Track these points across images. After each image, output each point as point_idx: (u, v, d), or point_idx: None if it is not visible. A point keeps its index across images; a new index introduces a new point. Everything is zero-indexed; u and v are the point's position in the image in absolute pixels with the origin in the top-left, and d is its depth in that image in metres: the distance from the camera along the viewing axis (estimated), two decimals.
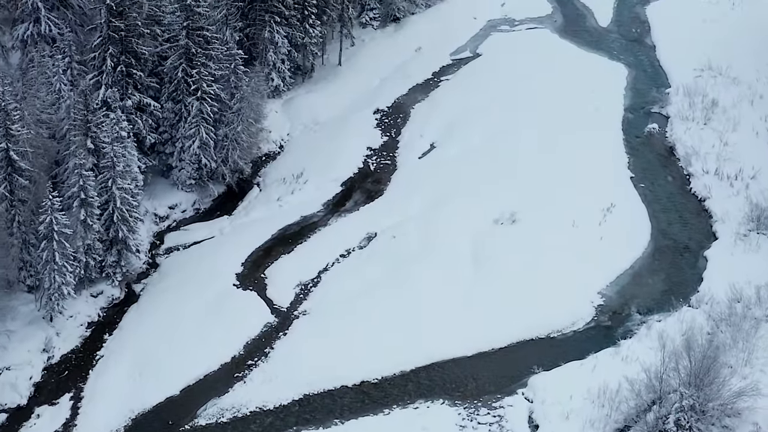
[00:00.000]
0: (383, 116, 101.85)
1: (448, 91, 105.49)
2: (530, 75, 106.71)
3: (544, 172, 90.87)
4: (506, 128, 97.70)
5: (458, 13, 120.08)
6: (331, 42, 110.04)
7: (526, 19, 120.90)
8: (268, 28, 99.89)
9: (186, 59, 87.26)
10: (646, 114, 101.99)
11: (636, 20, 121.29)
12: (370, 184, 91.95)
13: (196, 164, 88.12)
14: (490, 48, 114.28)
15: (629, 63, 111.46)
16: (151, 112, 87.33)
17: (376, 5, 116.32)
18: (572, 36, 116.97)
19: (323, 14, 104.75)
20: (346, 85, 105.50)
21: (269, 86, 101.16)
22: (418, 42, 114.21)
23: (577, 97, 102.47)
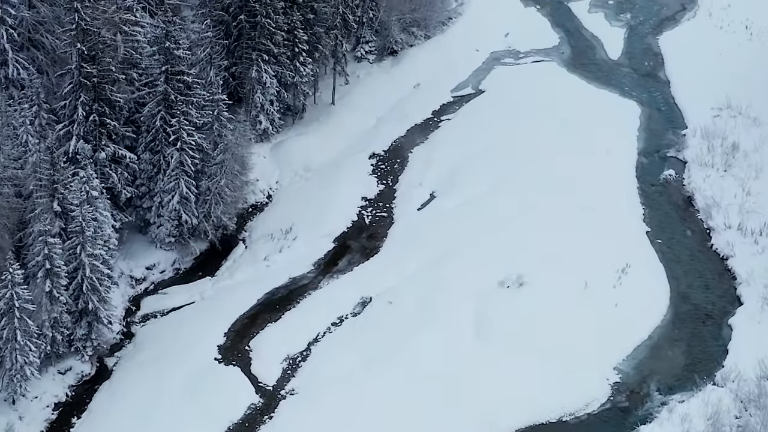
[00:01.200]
0: (379, 161, 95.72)
1: (449, 133, 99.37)
2: (537, 114, 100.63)
3: (553, 225, 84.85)
4: (511, 175, 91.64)
5: (459, 45, 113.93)
6: (324, 78, 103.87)
7: (532, 50, 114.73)
8: (256, 67, 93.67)
9: (165, 106, 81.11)
10: (662, 158, 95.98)
11: (648, 52, 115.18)
12: (365, 240, 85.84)
13: (175, 220, 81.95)
14: (493, 83, 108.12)
15: (642, 100, 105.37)
16: (126, 164, 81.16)
17: (371, 38, 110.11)
18: (581, 70, 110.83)
19: (315, 51, 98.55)
20: (340, 127, 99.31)
21: (257, 129, 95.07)
22: (417, 77, 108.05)
23: (588, 139, 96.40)
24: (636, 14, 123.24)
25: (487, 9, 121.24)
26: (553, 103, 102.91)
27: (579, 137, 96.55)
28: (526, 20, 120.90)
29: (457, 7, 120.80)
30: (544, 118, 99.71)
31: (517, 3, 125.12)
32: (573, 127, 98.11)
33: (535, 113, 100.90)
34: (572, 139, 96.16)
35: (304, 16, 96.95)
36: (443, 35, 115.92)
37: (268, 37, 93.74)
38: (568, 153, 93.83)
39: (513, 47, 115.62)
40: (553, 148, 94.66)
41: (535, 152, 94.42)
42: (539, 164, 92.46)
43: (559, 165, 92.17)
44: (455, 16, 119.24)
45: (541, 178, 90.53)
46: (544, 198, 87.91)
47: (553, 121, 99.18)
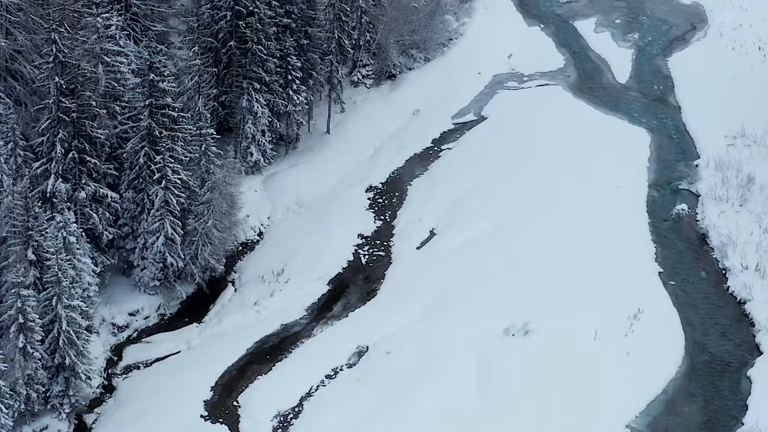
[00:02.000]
0: (377, 195, 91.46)
1: (450, 164, 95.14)
2: (542, 143, 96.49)
3: (561, 267, 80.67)
4: (516, 210, 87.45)
5: (461, 68, 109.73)
6: (319, 105, 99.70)
7: (536, 73, 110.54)
8: (246, 96, 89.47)
9: (149, 142, 76.92)
10: (674, 192, 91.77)
11: (658, 75, 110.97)
12: (362, 282, 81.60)
13: (160, 263, 77.71)
14: (496, 109, 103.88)
15: (652, 127, 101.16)
16: (108, 204, 76.94)
17: (369, 61, 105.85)
18: (588, 94, 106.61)
19: (309, 78, 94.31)
20: (335, 157, 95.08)
21: (248, 161, 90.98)
22: (416, 103, 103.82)
23: (597, 171, 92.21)
24: (644, 34, 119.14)
25: (489, 28, 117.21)
26: (559, 130, 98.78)
27: (587, 169, 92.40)
28: (530, 40, 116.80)
29: (458, 27, 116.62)
30: (550, 148, 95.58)
31: (521, 22, 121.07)
32: (580, 158, 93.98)
33: (541, 142, 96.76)
34: (580, 171, 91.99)
35: (298, 41, 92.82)
36: (444, 57, 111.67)
37: (260, 65, 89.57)
38: (576, 186, 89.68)
39: (516, 69, 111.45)
40: (559, 181, 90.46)
41: (541, 186, 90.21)
42: (545, 199, 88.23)
43: (566, 200, 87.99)
44: (456, 37, 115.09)
45: (546, 215, 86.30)
46: (549, 237, 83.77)
47: (559, 151, 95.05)
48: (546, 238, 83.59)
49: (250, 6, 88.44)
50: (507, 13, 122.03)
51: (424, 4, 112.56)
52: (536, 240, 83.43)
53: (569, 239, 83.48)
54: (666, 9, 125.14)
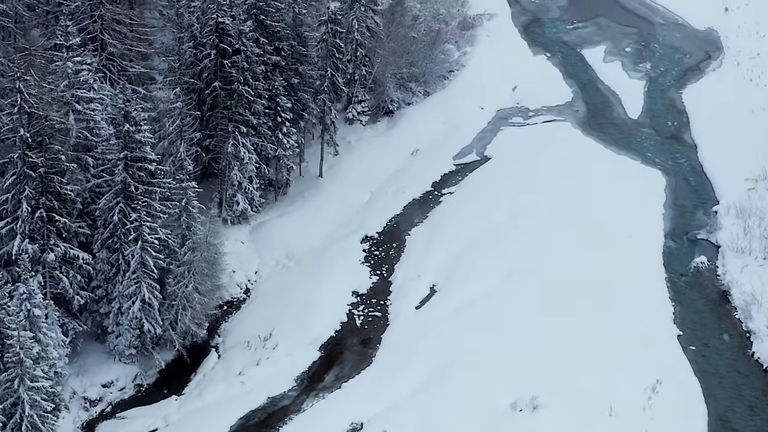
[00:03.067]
0: (373, 246, 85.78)
1: (451, 211, 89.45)
2: (549, 186, 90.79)
3: (571, 330, 74.83)
4: (521, 265, 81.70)
5: (462, 103, 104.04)
6: (311, 145, 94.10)
7: (542, 108, 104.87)
8: (232, 140, 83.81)
9: (124, 197, 71.24)
10: (692, 242, 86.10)
11: (672, 109, 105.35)
12: (356, 347, 75.90)
13: (137, 329, 71.98)
14: (500, 148, 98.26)
15: (667, 169, 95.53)
16: (80, 266, 71.19)
17: (364, 97, 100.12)
18: (597, 131, 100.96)
19: (300, 119, 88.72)
20: (329, 204, 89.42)
21: (234, 211, 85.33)
22: (415, 141, 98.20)
23: (607, 218, 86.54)
24: (656, 63, 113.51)
25: (492, 58, 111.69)
26: (567, 172, 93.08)
27: (598, 215, 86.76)
28: (536, 71, 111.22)
29: (459, 57, 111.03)
30: (558, 191, 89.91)
31: (526, 50, 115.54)
32: (591, 203, 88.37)
33: (548, 185, 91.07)
34: (590, 218, 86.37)
35: (288, 80, 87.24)
36: (444, 91, 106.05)
37: (247, 106, 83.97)
38: (586, 237, 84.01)
39: (521, 104, 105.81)
40: (569, 229, 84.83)
41: (549, 235, 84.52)
42: (553, 251, 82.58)
43: (575, 252, 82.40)
44: (457, 68, 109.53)
45: (554, 269, 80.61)
46: (558, 295, 77.99)
47: (568, 195, 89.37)
48: (553, 297, 77.83)
49: (236, 43, 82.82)
50: (511, 41, 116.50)
51: (423, 33, 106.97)
52: (543, 299, 77.68)
53: (579, 298, 77.72)
54: (679, 36, 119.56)
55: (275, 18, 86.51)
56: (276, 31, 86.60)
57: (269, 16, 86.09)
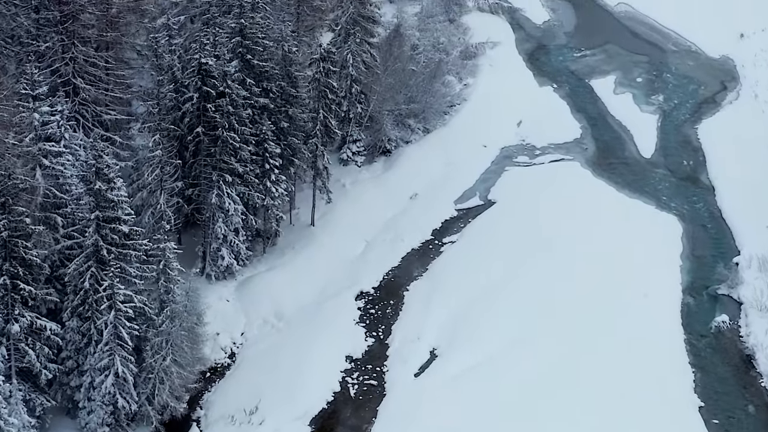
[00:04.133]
0: (368, 303, 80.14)
1: (452, 263, 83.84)
2: (558, 237, 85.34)
3: (584, 402, 69.48)
4: (527, 327, 76.34)
5: (464, 140, 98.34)
6: (302, 188, 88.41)
7: (549, 145, 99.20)
8: (217, 190, 78.10)
9: (96, 261, 65.59)
10: (712, 298, 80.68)
11: (687, 147, 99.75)
12: (351, 421, 70.31)
13: (110, 405, 66.25)
14: (505, 191, 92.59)
15: (683, 214, 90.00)
16: (48, 336, 65.51)
17: (360, 136, 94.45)
18: (608, 172, 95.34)
19: (290, 165, 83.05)
20: (321, 255, 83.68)
21: (218, 266, 79.67)
22: (414, 184, 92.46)
23: (622, 272, 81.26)
24: (669, 95, 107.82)
25: (496, 91, 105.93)
26: (577, 219, 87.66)
27: (611, 270, 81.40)
28: (542, 104, 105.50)
29: (461, 90, 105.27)
30: (567, 242, 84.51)
31: (531, 81, 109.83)
32: (603, 256, 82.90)
33: (556, 234, 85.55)
34: (603, 273, 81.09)
35: (277, 124, 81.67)
36: (445, 128, 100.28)
37: (232, 153, 78.31)
38: (598, 295, 78.63)
39: (527, 141, 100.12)
40: (579, 286, 79.48)
41: (557, 292, 79.09)
42: (561, 311, 77.23)
43: (586, 312, 76.98)
44: (459, 102, 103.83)
45: (563, 332, 75.19)
46: (567, 360, 72.70)
47: (578, 246, 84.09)
48: (564, 363, 72.41)
49: (220, 86, 77.14)
50: (515, 71, 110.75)
51: (422, 65, 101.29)
52: (552, 365, 72.29)
53: (592, 364, 72.32)
54: (692, 64, 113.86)
55: (263, 57, 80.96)
56: (264, 71, 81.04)
57: (256, 55, 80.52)
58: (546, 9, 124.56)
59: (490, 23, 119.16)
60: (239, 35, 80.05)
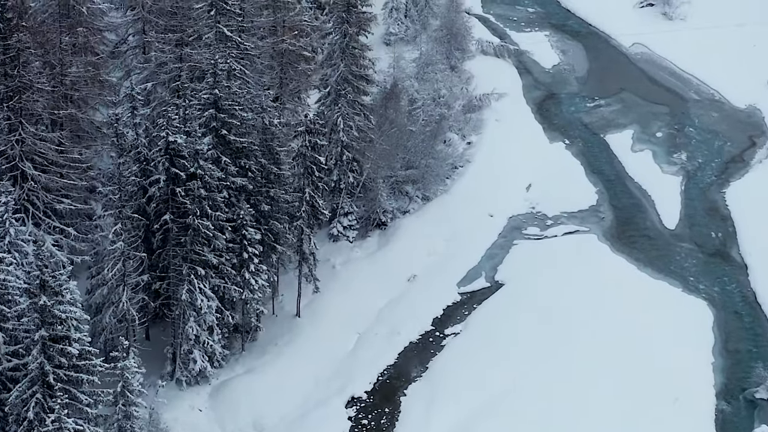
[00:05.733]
0: (360, 411, 71.42)
1: (456, 360, 75.22)
2: (574, 328, 77.20)
3: None
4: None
5: (468, 209, 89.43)
6: (287, 271, 79.53)
7: (562, 214, 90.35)
8: (187, 285, 69.23)
9: (42, 386, 56.78)
10: (749, 403, 72.80)
11: (714, 214, 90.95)
12: None
13: None
14: (513, 271, 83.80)
15: (713, 298, 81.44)
16: None
17: (352, 208, 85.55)
18: (629, 246, 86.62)
19: (272, 252, 74.21)
20: (307, 352, 74.83)
21: (189, 370, 70.81)
22: (412, 263, 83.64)
23: (646, 374, 72.98)
24: (693, 153, 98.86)
25: (503, 149, 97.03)
26: (594, 304, 79.37)
27: (635, 370, 73.18)
28: (553, 163, 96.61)
29: (465, 151, 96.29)
30: (585, 337, 76.22)
31: (541, 136, 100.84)
32: (626, 351, 74.90)
33: (572, 327, 77.39)
34: (626, 375, 72.93)
35: (257, 207, 72.80)
36: (447, 195, 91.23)
37: (205, 243, 69.40)
38: (623, 400, 70.82)
39: (537, 208, 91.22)
40: (600, 395, 70.98)
41: (576, 399, 70.60)
42: (583, 425, 68.32)
43: (611, 425, 68.07)
44: (462, 165, 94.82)
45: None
46: None
47: (597, 342, 75.75)
48: None
49: (191, 166, 68.29)
50: (524, 125, 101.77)
51: (422, 123, 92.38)
52: None
53: None
54: (716, 116, 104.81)
55: (240, 131, 72.12)
56: (242, 148, 72.21)
57: (233, 129, 71.66)
58: (555, 51, 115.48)
59: (495, 69, 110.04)
60: (213, 107, 71.19)
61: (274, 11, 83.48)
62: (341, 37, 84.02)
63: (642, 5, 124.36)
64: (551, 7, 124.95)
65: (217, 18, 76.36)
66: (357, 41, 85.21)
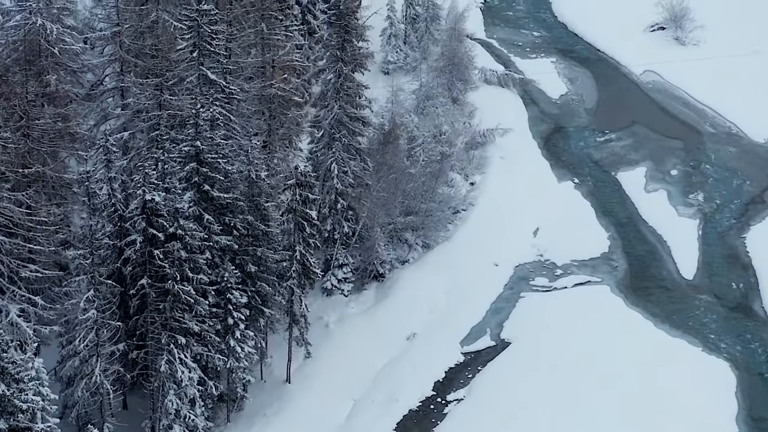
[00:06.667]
0: None
1: (459, 429, 69.36)
2: (586, 389, 72.17)
3: None
4: None
5: (471, 258, 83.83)
6: (277, 330, 73.87)
7: (572, 262, 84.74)
8: (167, 356, 63.61)
9: None
10: None
11: (734, 263, 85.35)
12: None
13: None
14: (521, 328, 78.25)
15: (735, 358, 76.03)
16: None
17: (347, 260, 79.99)
18: (644, 300, 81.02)
19: (260, 316, 68.70)
20: (297, 423, 69.20)
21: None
22: (412, 320, 78.07)
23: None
24: (710, 193, 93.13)
25: (509, 190, 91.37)
26: (609, 368, 73.74)
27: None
28: (562, 205, 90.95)
29: (468, 193, 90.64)
30: (599, 403, 70.51)
31: (548, 174, 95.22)
32: (641, 421, 69.81)
33: (585, 389, 72.03)
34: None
35: (243, 267, 67.25)
36: (448, 243, 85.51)
37: (186, 308, 63.81)
38: None
39: (545, 256, 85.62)
40: None
41: None
42: None
43: None
44: (465, 208, 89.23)
45: None
46: None
47: (611, 405, 70.50)
48: None
49: (170, 226, 62.70)
50: (530, 162, 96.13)
51: (422, 164, 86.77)
52: None
53: None
54: (734, 151, 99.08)
55: (225, 186, 66.52)
56: (226, 204, 66.64)
57: (216, 184, 66.09)
58: (563, 79, 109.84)
59: (499, 100, 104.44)
60: (194, 161, 65.61)
61: (262, 50, 77.84)
62: (335, 76, 78.54)
63: (653, 29, 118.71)
64: (557, 31, 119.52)
65: (200, 60, 70.86)
66: (352, 79, 79.83)
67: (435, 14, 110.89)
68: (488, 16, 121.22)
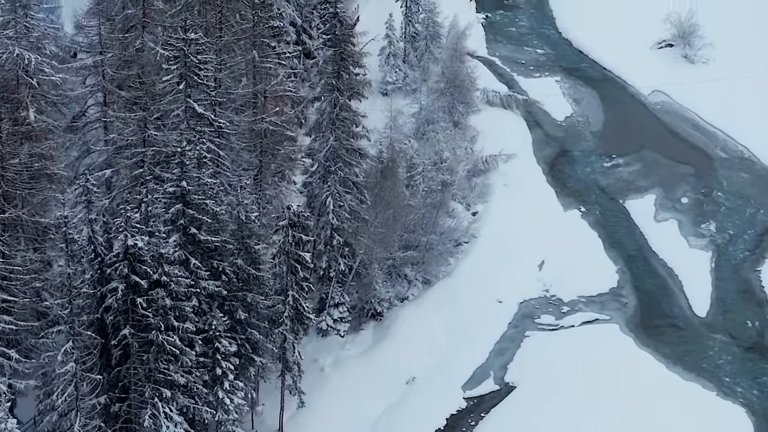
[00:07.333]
0: None
1: None
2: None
3: None
4: None
5: (473, 294, 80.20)
6: (269, 380, 69.83)
7: (579, 298, 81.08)
8: (151, 409, 59.90)
9: None
10: None
11: (749, 299, 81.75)
12: None
13: None
14: (526, 371, 74.55)
15: (752, 403, 72.54)
16: None
17: (343, 298, 76.28)
18: (655, 339, 77.37)
19: (250, 365, 64.90)
20: None
21: None
22: (411, 362, 74.28)
23: None
24: (722, 223, 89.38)
25: (512, 220, 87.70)
26: (619, 413, 70.05)
27: None
28: (568, 236, 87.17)
29: (470, 224, 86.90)
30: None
31: (554, 203, 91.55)
32: None
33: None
34: None
35: (232, 314, 63.47)
36: (450, 278, 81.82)
37: (171, 359, 60.08)
38: None
39: (551, 291, 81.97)
40: None
41: None
42: None
43: None
44: (467, 240, 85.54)
45: None
46: None
47: None
48: None
49: (154, 273, 58.97)
50: (534, 189, 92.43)
51: (422, 195, 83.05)
52: None
53: None
54: (746, 177, 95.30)
55: (212, 229, 62.75)
56: (214, 248, 62.86)
57: (203, 226, 62.31)
58: (568, 100, 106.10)
59: (502, 122, 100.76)
60: (180, 202, 61.85)
61: (254, 79, 74.08)
62: (331, 106, 74.83)
63: (660, 46, 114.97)
64: (562, 48, 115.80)
65: (187, 92, 67.08)
66: (349, 108, 76.10)
67: (435, 32, 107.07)
68: (490, 32, 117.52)
